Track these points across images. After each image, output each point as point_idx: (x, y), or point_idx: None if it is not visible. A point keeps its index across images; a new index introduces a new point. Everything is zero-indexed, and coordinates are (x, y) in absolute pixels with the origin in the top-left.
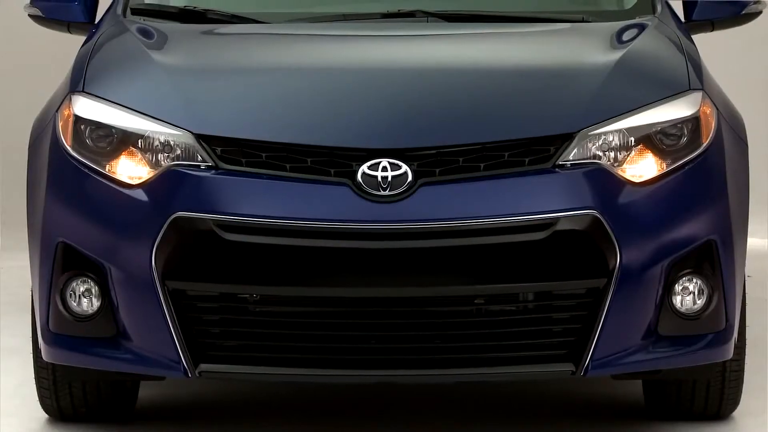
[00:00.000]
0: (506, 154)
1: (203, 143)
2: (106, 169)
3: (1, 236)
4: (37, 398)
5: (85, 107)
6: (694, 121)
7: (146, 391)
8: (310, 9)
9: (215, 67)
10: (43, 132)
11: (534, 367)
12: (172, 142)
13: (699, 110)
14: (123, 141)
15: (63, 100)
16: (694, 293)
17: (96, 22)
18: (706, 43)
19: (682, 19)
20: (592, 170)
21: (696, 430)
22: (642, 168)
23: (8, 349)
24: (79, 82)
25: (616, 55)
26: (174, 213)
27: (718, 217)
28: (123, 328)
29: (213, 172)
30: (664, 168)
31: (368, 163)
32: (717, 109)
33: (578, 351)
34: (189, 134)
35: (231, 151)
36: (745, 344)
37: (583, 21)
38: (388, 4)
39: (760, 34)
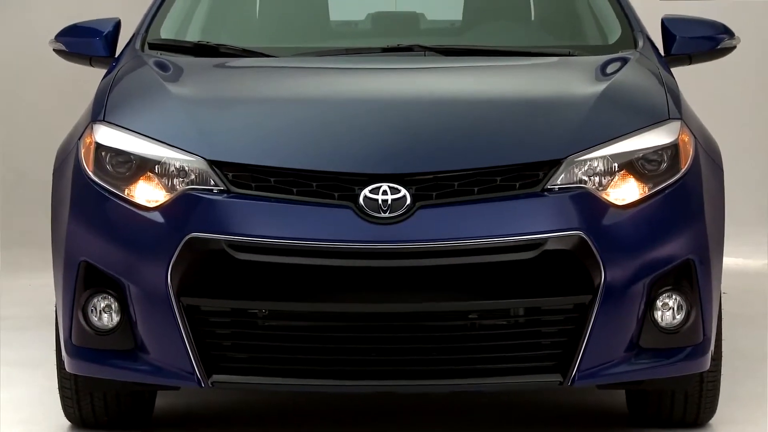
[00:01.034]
0: (498, 178)
1: (215, 169)
2: (125, 193)
3: (28, 256)
4: (60, 407)
5: (106, 135)
6: (673, 148)
7: (162, 401)
8: (315, 44)
9: (227, 98)
10: (66, 158)
11: (524, 377)
12: (186, 168)
13: (678, 138)
14: (141, 167)
15: (85, 129)
16: (673, 309)
17: (116, 56)
18: (684, 75)
19: (662, 53)
20: (579, 194)
21: None
22: (625, 192)
23: (33, 361)
24: (100, 111)
25: (601, 86)
26: (188, 234)
27: (695, 238)
28: (141, 341)
29: (225, 195)
30: (646, 192)
31: (369, 187)
32: (695, 136)
33: (565, 363)
34: (202, 160)
35: (241, 176)
36: (721, 356)
37: (569, 55)
38: (389, 40)
39: (735, 68)
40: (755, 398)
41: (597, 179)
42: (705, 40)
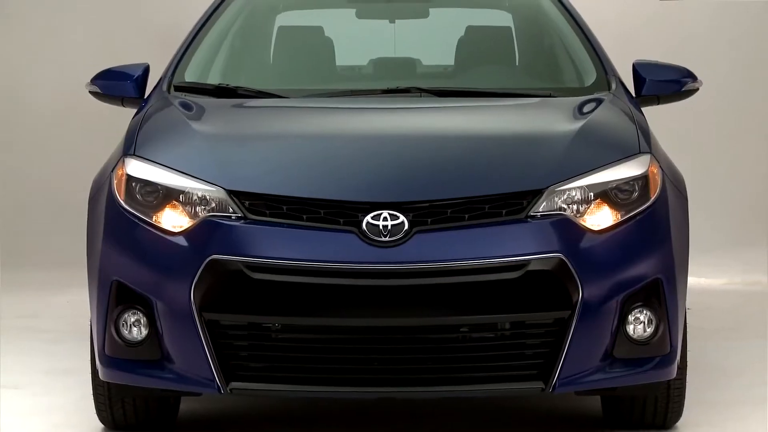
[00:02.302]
0: (486, 206)
1: (234, 197)
2: (153, 219)
3: (66, 276)
4: (94, 411)
5: (136, 168)
6: (643, 179)
7: (186, 405)
8: (322, 86)
9: (244, 134)
10: (100, 188)
11: (510, 384)
12: (207, 197)
13: (647, 170)
14: (167, 196)
15: (117, 162)
16: (644, 323)
17: (145, 97)
18: (654, 114)
19: (633, 95)
20: (558, 220)
21: None
22: (600, 218)
23: (70, 370)
24: (131, 146)
25: (578, 124)
26: (209, 256)
27: (663, 260)
28: (166, 352)
29: (242, 221)
30: (619, 218)
31: (371, 214)
32: (662, 169)
33: (547, 371)
34: (222, 190)
35: (257, 204)
36: (686, 365)
37: (550, 96)
38: (389, 82)
39: (698, 107)
40: (717, 404)
41: (575, 207)
42: (671, 83)
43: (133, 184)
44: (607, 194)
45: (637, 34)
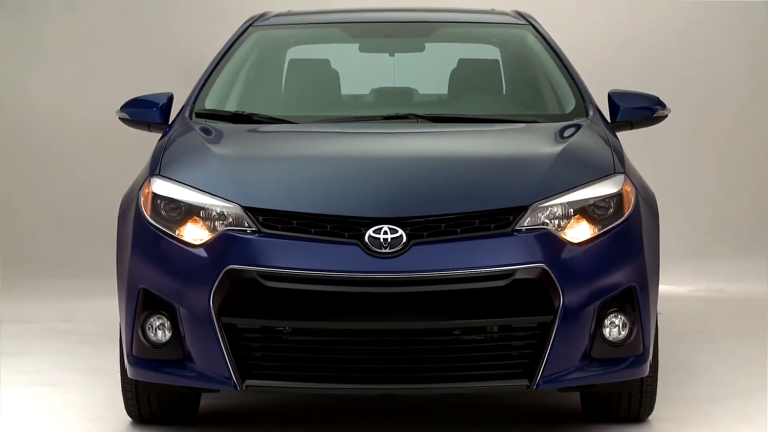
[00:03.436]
0: (477, 221)
1: (249, 213)
2: (176, 233)
3: (97, 284)
4: (123, 406)
5: (161, 187)
6: (618, 197)
7: (206, 401)
8: (329, 113)
9: (258, 157)
10: (129, 205)
11: (498, 382)
12: (225, 213)
13: (622, 189)
14: (189, 212)
15: (144, 181)
16: (619, 326)
17: (169, 122)
18: (627, 138)
19: (609, 121)
20: (542, 234)
21: (620, 431)
22: (579, 232)
23: (101, 369)
24: (156, 167)
25: (559, 147)
26: (227, 266)
27: (636, 269)
28: (188, 352)
29: (256, 235)
30: (596, 232)
31: (373, 228)
32: (635, 187)
33: (531, 370)
34: (238, 207)
35: (270, 219)
36: (657, 364)
37: (534, 122)
38: (388, 109)
39: (668, 132)
40: (686, 400)
41: (556, 222)
42: (643, 110)
43: (159, 201)
44: (585, 210)
45: (611, 59)
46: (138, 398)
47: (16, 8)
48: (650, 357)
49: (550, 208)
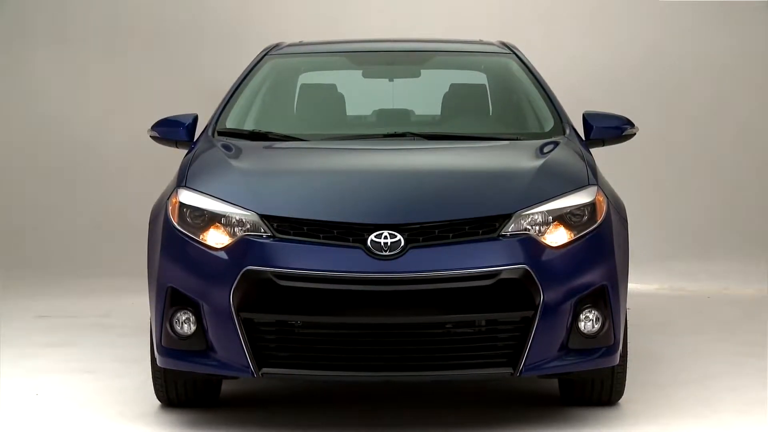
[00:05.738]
0: (466, 227)
1: (265, 220)
2: (200, 238)
3: (130, 283)
4: (153, 391)
5: (187, 197)
6: (591, 206)
7: (226, 386)
8: (336, 131)
9: (273, 170)
10: (158, 213)
11: (485, 370)
12: (243, 220)
13: (595, 198)
14: (211, 219)
15: (172, 192)
16: (592, 320)
17: (194, 140)
18: (600, 154)
19: (583, 138)
20: (524, 238)
21: (594, 413)
22: (557, 237)
23: (134, 358)
24: (182, 179)
25: (539, 162)
26: (245, 267)
27: (608, 270)
28: (211, 344)
29: (271, 239)
30: (572, 237)
31: (374, 234)
32: (607, 197)
33: (515, 359)
34: (255, 214)
35: (283, 226)
36: (627, 354)
37: (516, 139)
38: (388, 128)
39: (636, 148)
40: (652, 385)
41: (537, 228)
42: (614, 129)
43: (185, 209)
44: (563, 217)
45: (586, 84)
46: (166, 384)
47: (60, 40)
48: (620, 347)
49: (531, 216)
